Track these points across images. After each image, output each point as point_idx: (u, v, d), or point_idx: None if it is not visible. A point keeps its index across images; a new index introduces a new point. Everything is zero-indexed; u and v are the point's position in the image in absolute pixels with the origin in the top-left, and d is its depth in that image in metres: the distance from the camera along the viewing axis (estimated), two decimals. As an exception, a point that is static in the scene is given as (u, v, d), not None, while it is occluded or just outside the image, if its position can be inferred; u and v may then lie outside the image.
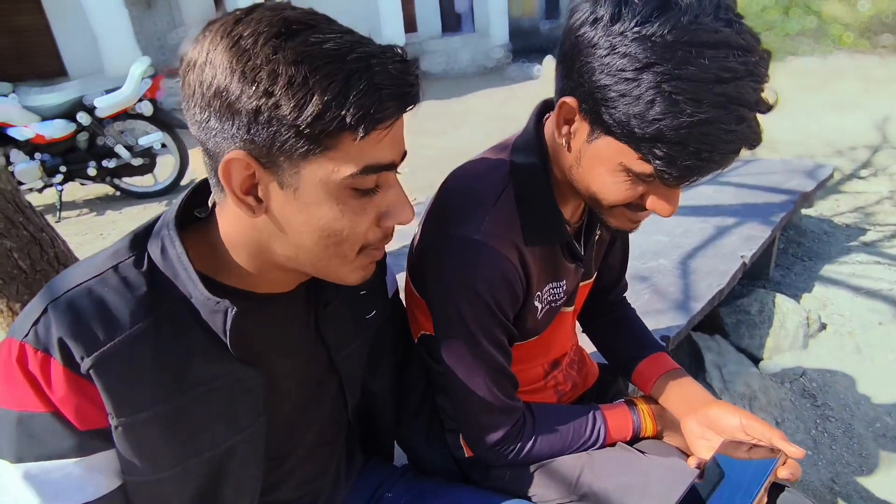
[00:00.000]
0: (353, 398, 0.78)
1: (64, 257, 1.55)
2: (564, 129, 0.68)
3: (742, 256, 1.94)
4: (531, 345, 0.89)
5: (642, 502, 0.78)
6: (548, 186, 0.75)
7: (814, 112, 6.04)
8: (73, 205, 4.42)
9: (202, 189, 0.61)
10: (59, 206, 4.01)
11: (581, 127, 0.65)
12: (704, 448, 0.83)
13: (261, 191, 0.51)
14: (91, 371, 0.50)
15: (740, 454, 0.79)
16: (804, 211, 3.42)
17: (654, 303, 1.67)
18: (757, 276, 2.55)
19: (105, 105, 3.88)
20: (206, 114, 0.48)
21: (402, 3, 10.35)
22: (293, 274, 0.61)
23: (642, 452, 0.88)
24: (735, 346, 2.00)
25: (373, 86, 0.46)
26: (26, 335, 0.50)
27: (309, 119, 0.45)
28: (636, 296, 1.71)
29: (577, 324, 1.10)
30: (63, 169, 3.94)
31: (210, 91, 0.46)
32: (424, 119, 6.78)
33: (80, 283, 0.52)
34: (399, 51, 0.50)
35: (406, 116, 0.53)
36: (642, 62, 0.55)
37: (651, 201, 0.68)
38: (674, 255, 1.97)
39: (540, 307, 0.83)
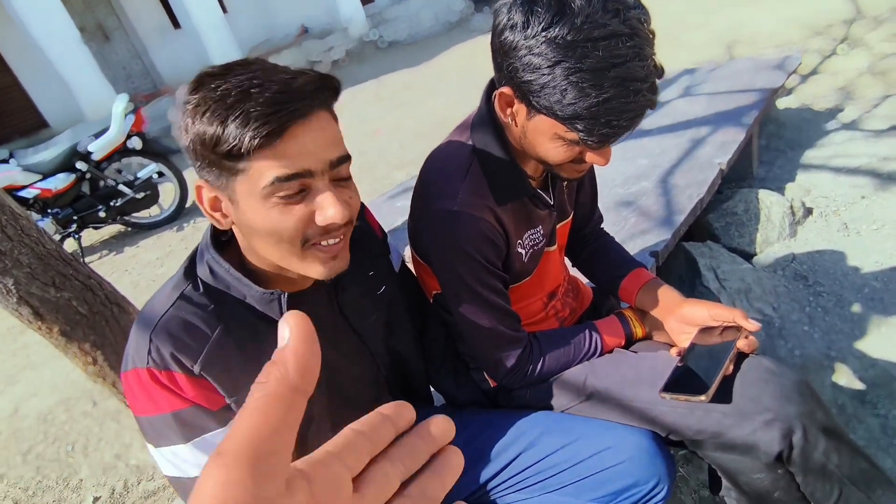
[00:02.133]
0: (382, 360, 0.95)
1: (113, 296, 1.74)
2: (508, 111, 0.83)
3: (719, 163, 2.06)
4: (526, 284, 1.06)
5: (638, 391, 0.95)
6: (506, 153, 0.90)
7: (786, -3, 5.95)
8: (91, 249, 4.62)
9: None
10: (80, 254, 4.21)
11: (520, 108, 0.80)
12: (685, 340, 1.00)
13: (223, 207, 0.67)
14: (201, 371, 0.68)
15: (713, 338, 0.96)
16: (783, 102, 3.48)
17: (640, 224, 1.81)
18: (742, 178, 2.66)
19: (98, 148, 4.02)
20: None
21: (354, -22, 10.18)
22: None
23: (635, 353, 1.05)
24: (727, 248, 2.14)
25: (245, 114, 0.58)
26: (147, 363, 0.67)
27: (213, 149, 0.60)
28: (623, 220, 1.85)
29: (567, 258, 1.26)
30: (75, 218, 4.13)
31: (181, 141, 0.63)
32: (401, 90, 6.82)
33: (164, 313, 0.69)
34: (286, 76, 0.61)
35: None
36: (552, 60, 0.70)
37: (588, 157, 0.83)
38: (654, 176, 2.10)
39: (524, 252, 0.99)
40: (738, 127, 2.32)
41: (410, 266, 1.08)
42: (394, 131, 5.42)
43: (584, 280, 1.33)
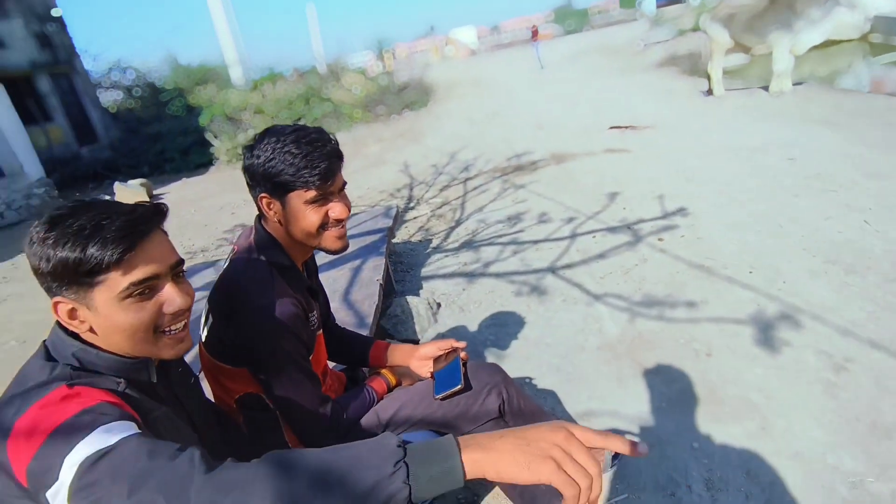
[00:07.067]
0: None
1: None
2: (271, 212, 1.22)
3: (377, 280, 2.76)
4: (312, 360, 1.35)
5: (417, 407, 1.37)
6: (289, 259, 1.25)
7: (362, 172, 7.92)
8: None
9: None
10: None
11: (275, 204, 1.20)
12: (428, 370, 1.48)
13: (80, 315, 0.83)
14: None
15: (444, 362, 1.48)
16: (393, 240, 4.68)
17: (345, 330, 2.27)
18: (390, 292, 3.49)
19: None
20: None
21: None
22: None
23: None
24: (400, 340, 2.80)
25: (103, 239, 0.78)
26: None
27: (75, 269, 0.79)
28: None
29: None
30: None
31: None
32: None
33: None
34: (126, 209, 0.83)
35: None
36: (271, 153, 1.16)
37: (332, 211, 1.22)
38: (338, 298, 2.63)
39: (312, 330, 1.31)
40: (379, 255, 3.13)
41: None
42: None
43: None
